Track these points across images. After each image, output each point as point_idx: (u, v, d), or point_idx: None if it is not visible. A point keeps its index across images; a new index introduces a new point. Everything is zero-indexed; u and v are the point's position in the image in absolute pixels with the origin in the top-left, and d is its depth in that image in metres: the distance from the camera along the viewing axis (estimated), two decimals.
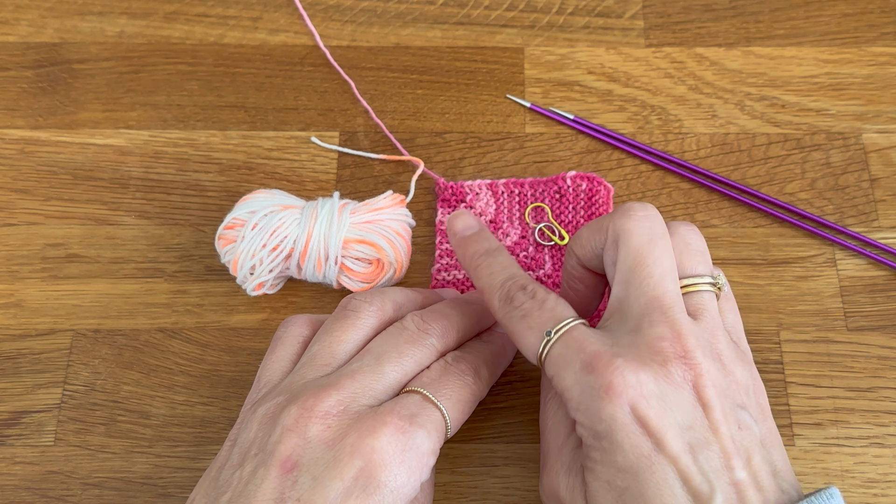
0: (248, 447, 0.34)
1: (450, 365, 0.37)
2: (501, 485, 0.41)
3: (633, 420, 0.31)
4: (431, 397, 0.35)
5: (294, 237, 0.42)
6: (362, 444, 0.32)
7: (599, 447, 0.32)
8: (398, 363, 0.36)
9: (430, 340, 0.37)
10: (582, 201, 0.47)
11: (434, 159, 0.49)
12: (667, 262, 0.34)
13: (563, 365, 0.33)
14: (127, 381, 0.44)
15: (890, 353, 0.44)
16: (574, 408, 0.33)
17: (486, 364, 0.38)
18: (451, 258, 0.46)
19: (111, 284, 0.46)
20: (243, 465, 0.33)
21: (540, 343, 0.34)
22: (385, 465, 0.32)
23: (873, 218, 0.47)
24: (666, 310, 0.33)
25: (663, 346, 0.32)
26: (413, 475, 0.33)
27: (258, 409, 0.35)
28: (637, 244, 0.35)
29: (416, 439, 0.33)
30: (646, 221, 0.35)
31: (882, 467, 0.42)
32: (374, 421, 0.33)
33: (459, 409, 0.36)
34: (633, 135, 0.50)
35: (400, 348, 0.36)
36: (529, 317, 0.35)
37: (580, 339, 0.33)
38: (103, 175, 0.49)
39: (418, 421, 0.34)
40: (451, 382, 0.36)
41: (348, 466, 0.32)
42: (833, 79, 0.51)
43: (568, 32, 0.53)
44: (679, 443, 0.31)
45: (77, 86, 0.51)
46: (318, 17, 0.53)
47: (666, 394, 0.31)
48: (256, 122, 0.50)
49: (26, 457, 0.42)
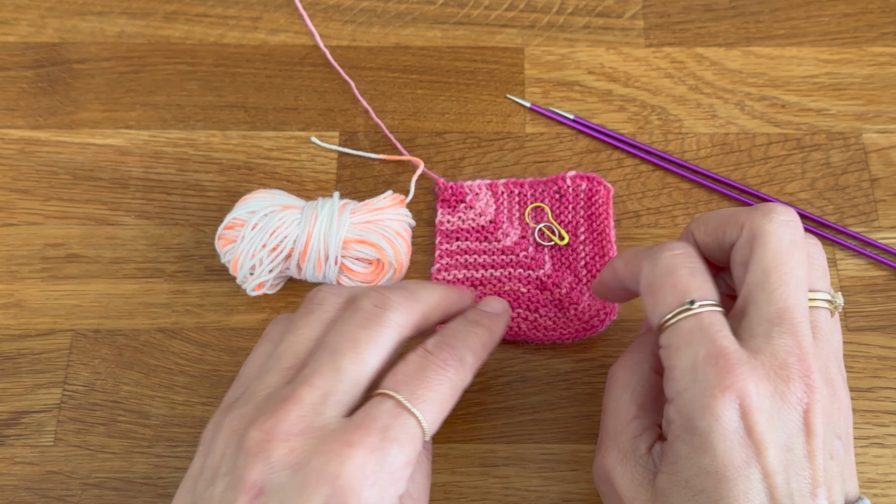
0: (218, 465, 0.32)
1: (430, 354, 0.34)
2: (501, 485, 0.41)
3: (739, 427, 0.30)
4: (406, 403, 0.32)
5: (294, 237, 0.42)
6: (328, 470, 0.30)
7: (689, 442, 0.31)
8: (355, 355, 0.33)
9: (389, 317, 0.34)
10: (582, 201, 0.47)
11: (434, 159, 0.49)
12: (802, 273, 0.33)
13: (688, 343, 0.32)
14: (127, 382, 0.44)
15: (890, 353, 0.44)
16: (677, 389, 0.32)
17: (472, 350, 0.35)
18: (450, 258, 0.46)
19: (111, 284, 0.46)
20: (214, 484, 0.32)
21: (676, 308, 0.33)
22: (354, 490, 0.30)
23: (873, 218, 0.47)
24: (796, 324, 0.32)
25: (790, 360, 0.31)
26: (387, 493, 0.31)
27: (224, 420, 0.33)
28: (776, 248, 0.33)
29: (389, 456, 0.31)
30: (787, 226, 0.34)
31: (882, 467, 0.42)
32: (341, 442, 0.31)
33: (438, 409, 0.33)
34: (633, 135, 0.50)
35: (355, 336, 0.33)
36: (675, 275, 0.33)
37: (716, 327, 0.32)
38: (103, 175, 0.49)
39: (390, 435, 0.31)
40: (429, 379, 0.33)
41: (315, 493, 0.30)
42: (833, 79, 0.51)
43: (568, 32, 0.53)
44: (776, 462, 0.30)
45: (77, 86, 0.51)
46: (318, 17, 0.53)
47: (778, 411, 0.31)
48: (256, 122, 0.50)
49: (26, 457, 0.42)
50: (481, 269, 0.46)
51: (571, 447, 0.42)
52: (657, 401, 0.36)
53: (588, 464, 0.42)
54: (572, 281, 0.45)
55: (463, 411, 0.43)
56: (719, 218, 0.36)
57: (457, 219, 0.47)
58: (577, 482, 0.41)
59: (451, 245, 0.46)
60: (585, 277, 0.45)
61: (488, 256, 0.46)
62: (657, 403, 0.36)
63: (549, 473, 0.42)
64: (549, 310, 0.45)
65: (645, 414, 0.35)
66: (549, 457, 0.42)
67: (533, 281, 0.45)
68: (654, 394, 0.36)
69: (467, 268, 0.46)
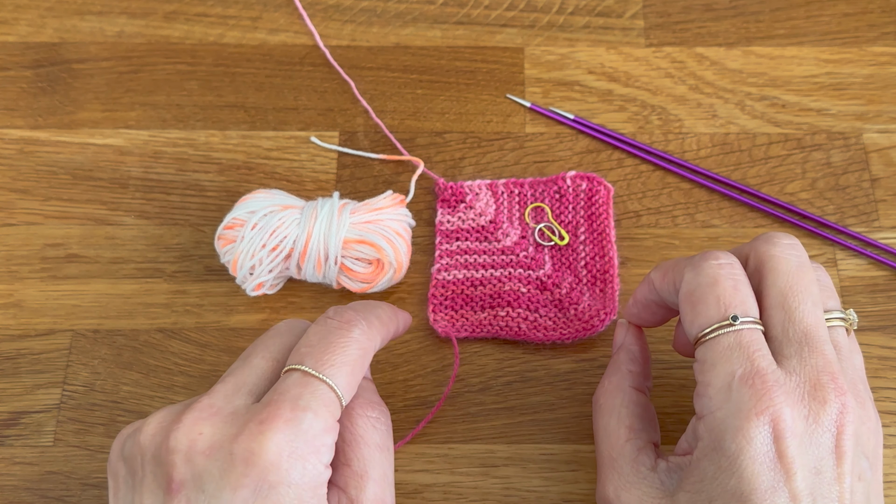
0: (138, 471, 0.32)
1: (330, 320, 0.34)
2: (501, 485, 0.41)
3: (770, 451, 0.30)
4: (312, 372, 0.32)
5: (294, 237, 0.42)
6: (244, 448, 0.30)
7: (716, 462, 0.31)
8: (263, 349, 0.34)
9: (290, 321, 0.36)
10: (582, 201, 0.47)
11: (434, 159, 0.49)
12: (816, 291, 0.34)
13: (725, 361, 0.32)
14: (126, 382, 0.44)
15: (890, 353, 0.44)
16: (710, 408, 0.32)
17: (377, 316, 0.35)
18: (450, 258, 0.46)
19: (110, 284, 0.46)
20: (136, 493, 0.32)
21: (717, 321, 0.33)
22: (275, 465, 0.30)
23: (874, 218, 0.47)
24: (821, 343, 0.32)
25: (823, 380, 0.31)
26: (309, 462, 0.31)
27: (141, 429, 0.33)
28: (786, 270, 0.34)
29: (304, 424, 0.31)
30: (793, 249, 0.34)
31: (883, 468, 0.42)
32: (254, 421, 0.31)
33: (349, 370, 0.33)
34: (633, 135, 0.50)
35: (265, 338, 0.35)
36: (719, 286, 0.33)
37: (755, 346, 0.32)
38: (103, 175, 0.49)
39: (301, 404, 0.31)
40: (333, 343, 0.33)
41: (238, 476, 0.30)
42: (833, 79, 0.51)
43: (568, 32, 0.53)
44: (804, 486, 0.30)
45: (76, 86, 0.51)
46: (317, 17, 0.53)
47: (811, 434, 0.31)
48: (256, 122, 0.50)
49: (26, 457, 0.42)
50: (481, 269, 0.46)
51: (571, 447, 0.42)
52: (645, 419, 0.36)
53: (588, 464, 0.42)
54: (572, 281, 0.45)
55: (463, 412, 0.43)
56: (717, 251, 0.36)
57: (457, 219, 0.47)
58: (577, 482, 0.41)
59: (451, 245, 0.46)
60: (585, 277, 0.45)
61: (488, 256, 0.46)
62: (645, 422, 0.36)
63: (550, 474, 0.42)
64: (549, 310, 0.45)
65: (636, 434, 0.35)
66: (549, 457, 0.42)
67: (533, 281, 0.45)
68: (641, 412, 0.36)
69: (467, 268, 0.46)
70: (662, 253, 0.46)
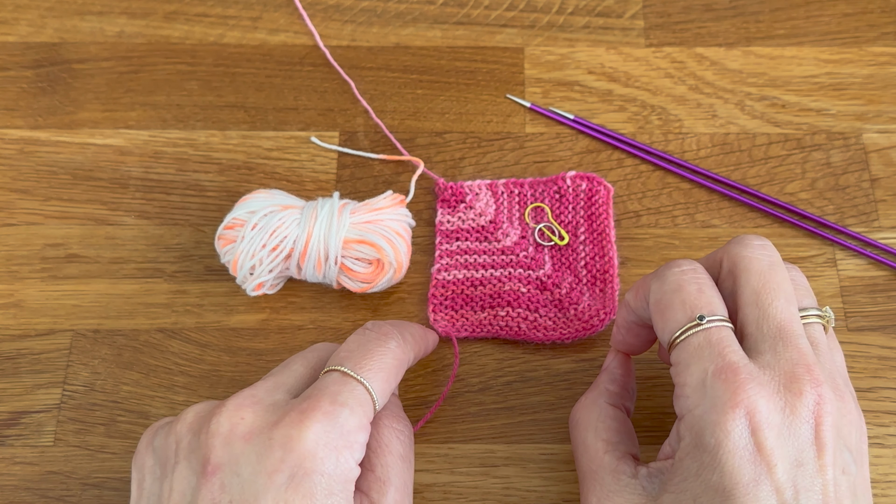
0: (172, 456, 0.33)
1: (369, 331, 0.36)
2: (501, 485, 0.41)
3: (749, 443, 0.30)
4: (351, 373, 0.34)
5: (294, 237, 0.42)
6: (284, 434, 0.31)
7: (698, 459, 0.31)
8: (302, 357, 0.37)
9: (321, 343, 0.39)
10: (582, 201, 0.47)
11: (434, 159, 0.49)
12: (789, 288, 0.34)
13: (697, 358, 0.32)
14: (126, 382, 0.44)
15: (890, 353, 0.44)
16: (688, 406, 0.32)
17: (411, 332, 0.38)
18: (450, 258, 0.46)
19: (111, 284, 0.46)
20: (168, 475, 0.33)
21: (685, 323, 0.33)
22: (312, 454, 0.31)
23: (874, 218, 0.47)
24: (796, 337, 0.33)
25: (799, 371, 0.32)
26: (342, 455, 0.32)
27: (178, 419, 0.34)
28: (758, 269, 0.34)
29: (341, 418, 0.32)
30: (763, 250, 0.35)
31: (882, 467, 0.42)
32: (295, 411, 0.32)
33: (384, 377, 0.35)
34: (633, 135, 0.50)
35: (303, 351, 0.38)
36: (684, 291, 0.34)
37: (725, 342, 0.33)
38: (103, 175, 0.49)
39: (339, 399, 0.33)
40: (372, 351, 0.35)
41: (275, 461, 0.31)
42: (833, 79, 0.51)
43: (568, 32, 0.53)
44: (786, 478, 0.30)
45: (77, 86, 0.51)
46: (318, 17, 0.53)
47: (788, 426, 0.31)
48: (256, 122, 0.50)
49: (26, 457, 0.42)
50: (481, 269, 0.46)
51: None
52: (621, 432, 0.37)
53: None
54: (572, 281, 0.45)
55: (463, 412, 0.43)
56: (701, 262, 0.37)
57: (457, 219, 0.47)
58: (576, 482, 0.41)
59: (451, 245, 0.46)
60: (585, 277, 0.45)
61: (488, 256, 0.46)
62: (622, 435, 0.36)
63: (549, 474, 0.42)
64: (549, 310, 0.45)
65: (614, 447, 0.36)
66: (549, 457, 0.42)
67: (533, 281, 0.45)
68: (617, 426, 0.37)
69: (467, 268, 0.46)
70: (662, 253, 0.46)
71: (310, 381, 0.36)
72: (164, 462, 0.34)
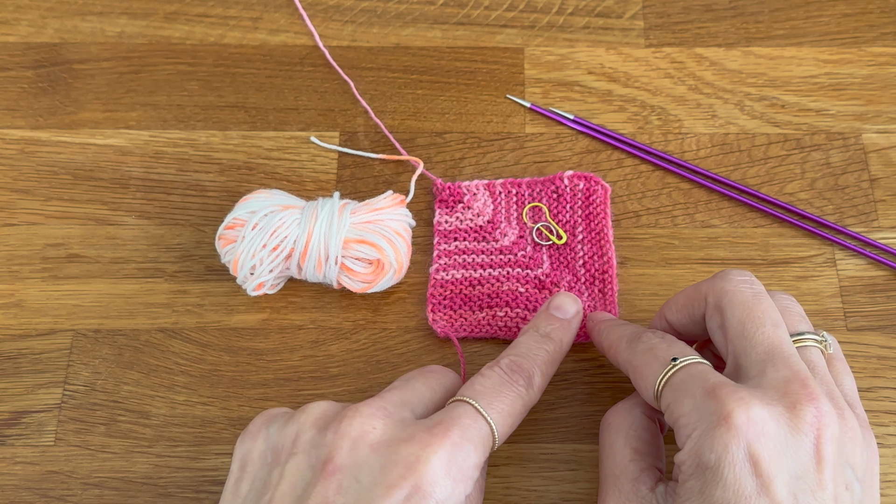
0: (289, 446, 0.34)
1: (504, 373, 0.37)
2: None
3: (746, 457, 0.30)
4: (482, 411, 0.35)
5: (294, 237, 0.42)
6: (410, 453, 0.32)
7: (701, 477, 0.31)
8: (422, 377, 0.38)
9: (444, 371, 0.39)
10: (580, 201, 0.47)
11: (434, 159, 0.49)
12: (775, 315, 0.34)
13: (683, 391, 0.33)
14: (127, 381, 0.44)
15: (890, 353, 0.44)
16: (686, 434, 0.32)
17: (541, 369, 0.38)
18: (448, 258, 0.46)
19: (111, 284, 0.46)
20: (282, 464, 0.33)
21: (663, 370, 0.34)
22: (434, 480, 0.32)
23: (873, 218, 0.47)
24: (786, 357, 0.33)
25: (792, 387, 0.32)
26: (458, 488, 0.33)
27: (298, 416, 0.35)
28: (743, 300, 0.35)
29: (463, 453, 0.33)
30: (745, 283, 0.36)
31: (882, 467, 0.42)
32: (424, 432, 0.33)
33: (509, 423, 0.36)
34: (633, 135, 0.50)
35: (422, 370, 0.39)
36: (656, 349, 0.35)
37: (705, 371, 0.33)
38: (103, 175, 0.49)
39: (468, 434, 0.33)
40: (503, 394, 0.36)
41: (396, 476, 0.31)
42: (833, 79, 0.51)
43: (568, 32, 0.53)
44: (785, 492, 0.30)
45: (77, 86, 0.51)
46: (318, 18, 0.53)
47: (784, 438, 0.31)
48: (256, 122, 0.50)
49: (27, 457, 0.42)
50: (479, 269, 0.46)
51: (571, 447, 0.42)
52: (651, 444, 0.37)
53: (588, 463, 0.42)
54: (571, 280, 0.45)
55: None
56: (685, 295, 0.38)
57: (455, 219, 0.47)
58: (576, 482, 0.41)
59: (450, 245, 0.46)
60: (584, 277, 0.46)
61: (486, 256, 0.46)
62: (651, 447, 0.37)
63: (549, 473, 0.42)
64: None
65: (640, 457, 0.36)
66: (549, 456, 0.42)
67: (531, 280, 0.45)
68: (648, 437, 0.37)
69: (465, 268, 0.46)
70: (662, 253, 0.47)
71: (430, 404, 0.37)
72: (277, 450, 0.34)
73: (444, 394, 0.38)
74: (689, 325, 0.38)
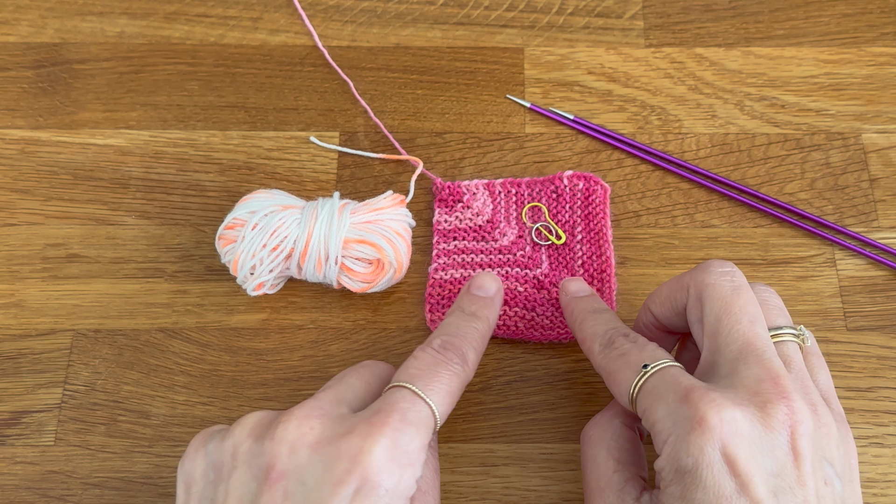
0: (228, 461, 0.33)
1: (437, 353, 0.37)
2: (501, 485, 0.41)
3: (722, 458, 0.30)
4: (420, 393, 0.34)
5: (294, 237, 0.42)
6: (354, 448, 0.32)
7: (680, 482, 0.31)
8: (356, 373, 0.37)
9: (378, 363, 0.39)
10: (579, 201, 0.47)
11: (434, 159, 0.49)
12: (753, 310, 0.34)
13: (657, 397, 0.33)
14: (127, 381, 0.44)
15: (889, 353, 0.44)
16: (662, 440, 0.32)
17: (473, 346, 0.38)
18: (447, 258, 0.46)
19: (111, 284, 0.46)
20: (224, 480, 0.33)
21: (636, 377, 0.34)
22: (380, 468, 0.31)
23: (873, 218, 0.47)
24: (760, 353, 0.33)
25: (763, 387, 0.32)
26: (406, 473, 0.32)
27: (233, 430, 0.34)
28: (721, 294, 0.35)
29: (406, 437, 0.33)
30: (727, 276, 0.36)
31: (882, 467, 0.42)
32: (364, 423, 0.32)
33: (448, 401, 0.36)
34: (632, 135, 0.50)
35: (356, 366, 0.38)
36: (629, 355, 0.35)
37: (676, 375, 0.33)
38: (103, 175, 0.49)
39: (408, 418, 0.33)
40: (439, 374, 0.36)
41: (341, 472, 0.31)
42: (833, 79, 0.51)
43: (568, 32, 0.53)
44: (764, 490, 0.30)
45: (77, 86, 0.51)
46: (318, 18, 0.53)
47: (759, 437, 0.31)
48: (256, 123, 0.50)
49: (27, 457, 0.42)
50: (478, 269, 0.46)
51: (571, 447, 0.42)
52: (633, 453, 0.37)
53: None
54: None
55: (463, 411, 0.43)
56: (668, 287, 0.38)
57: (454, 218, 0.47)
58: (576, 482, 0.41)
59: (449, 245, 0.46)
60: (583, 277, 0.45)
61: (485, 256, 0.46)
62: (633, 456, 0.37)
63: (549, 473, 0.42)
64: (547, 309, 0.45)
65: (623, 467, 0.36)
66: (549, 456, 0.42)
67: (530, 280, 0.45)
68: (629, 447, 0.37)
69: (464, 267, 0.46)
70: (662, 253, 0.47)
71: (367, 396, 0.36)
72: (218, 467, 0.33)
73: (378, 385, 0.37)
74: (673, 318, 0.38)
